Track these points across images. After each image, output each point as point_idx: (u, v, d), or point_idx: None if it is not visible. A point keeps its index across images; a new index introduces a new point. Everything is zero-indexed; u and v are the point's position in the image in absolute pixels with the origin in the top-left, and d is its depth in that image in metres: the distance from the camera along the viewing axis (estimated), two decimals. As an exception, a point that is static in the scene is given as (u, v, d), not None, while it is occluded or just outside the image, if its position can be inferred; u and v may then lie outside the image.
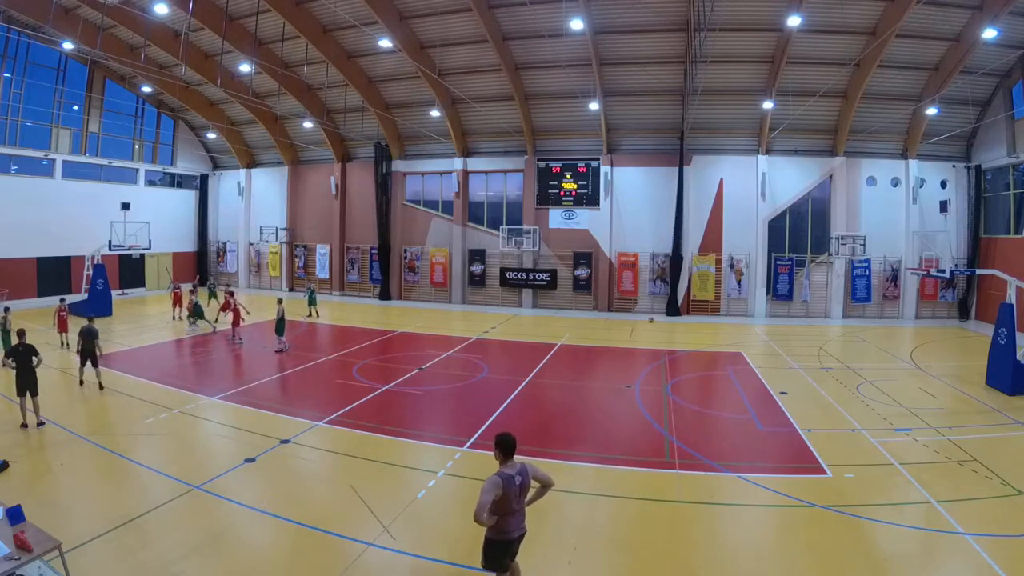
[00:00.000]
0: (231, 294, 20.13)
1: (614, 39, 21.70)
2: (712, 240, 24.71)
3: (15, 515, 5.33)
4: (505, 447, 5.00)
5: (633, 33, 21.37)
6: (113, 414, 10.75)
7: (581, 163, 25.94)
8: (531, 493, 5.18)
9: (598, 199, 25.63)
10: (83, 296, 22.59)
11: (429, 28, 22.48)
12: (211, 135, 32.22)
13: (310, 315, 22.72)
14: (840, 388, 13.25)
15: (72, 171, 26.91)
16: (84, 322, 12.58)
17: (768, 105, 21.81)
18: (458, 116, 26.54)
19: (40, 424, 9.75)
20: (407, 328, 20.86)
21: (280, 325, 16.46)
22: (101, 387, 12.12)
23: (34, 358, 9.99)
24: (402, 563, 6.12)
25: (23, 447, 9.00)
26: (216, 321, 20.36)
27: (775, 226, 24.41)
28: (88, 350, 12.19)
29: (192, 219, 33.51)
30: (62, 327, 16.83)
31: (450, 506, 7.56)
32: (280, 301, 17.11)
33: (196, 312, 19.37)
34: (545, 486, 5.19)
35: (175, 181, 32.75)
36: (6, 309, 15.10)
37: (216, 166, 34.51)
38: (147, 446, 9.25)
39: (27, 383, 9.76)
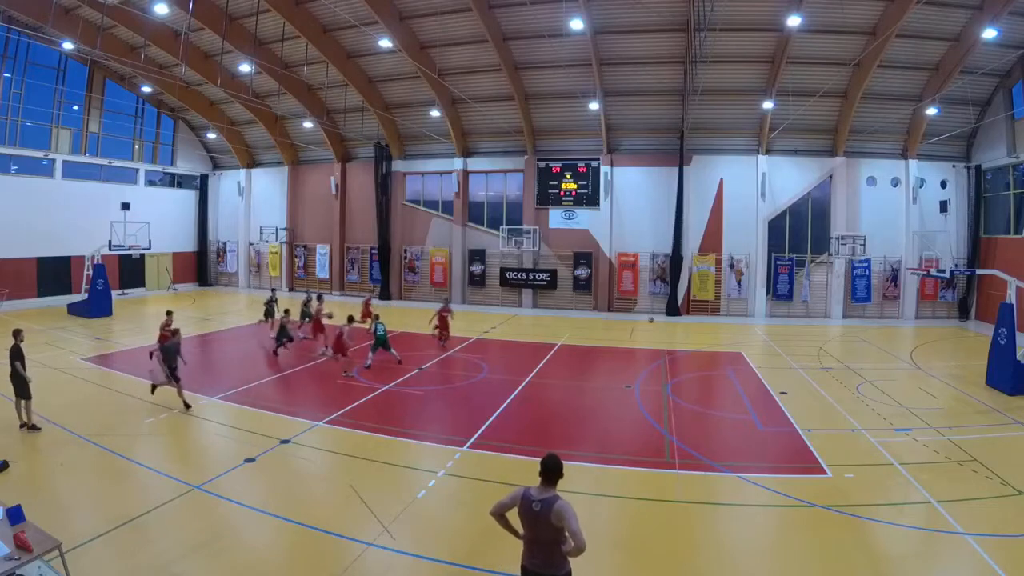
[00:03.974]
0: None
1: (614, 39, 21.70)
2: (712, 240, 24.70)
3: (15, 515, 5.33)
4: (542, 468, 4.49)
5: (633, 33, 21.37)
6: (113, 414, 10.74)
7: (581, 163, 25.94)
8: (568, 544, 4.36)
9: (598, 199, 25.62)
10: (83, 296, 22.58)
11: (429, 28, 22.47)
12: (211, 135, 32.22)
13: (301, 326, 19.56)
14: (840, 388, 13.24)
15: (72, 171, 26.90)
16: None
17: (768, 105, 21.80)
18: (458, 116, 26.54)
19: (22, 426, 9.54)
20: (407, 328, 20.84)
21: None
22: (188, 406, 10.95)
23: (18, 363, 9.60)
24: (402, 563, 6.12)
25: (23, 447, 8.99)
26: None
27: (775, 226, 24.40)
28: (170, 367, 11.13)
29: (192, 219, 33.49)
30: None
31: (450, 506, 7.56)
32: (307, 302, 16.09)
33: (281, 334, 15.76)
34: (575, 546, 4.28)
35: (175, 181, 32.75)
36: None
37: (216, 166, 34.50)
38: (147, 446, 9.25)
39: (17, 387, 9.50)
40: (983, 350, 14.54)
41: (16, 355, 9.69)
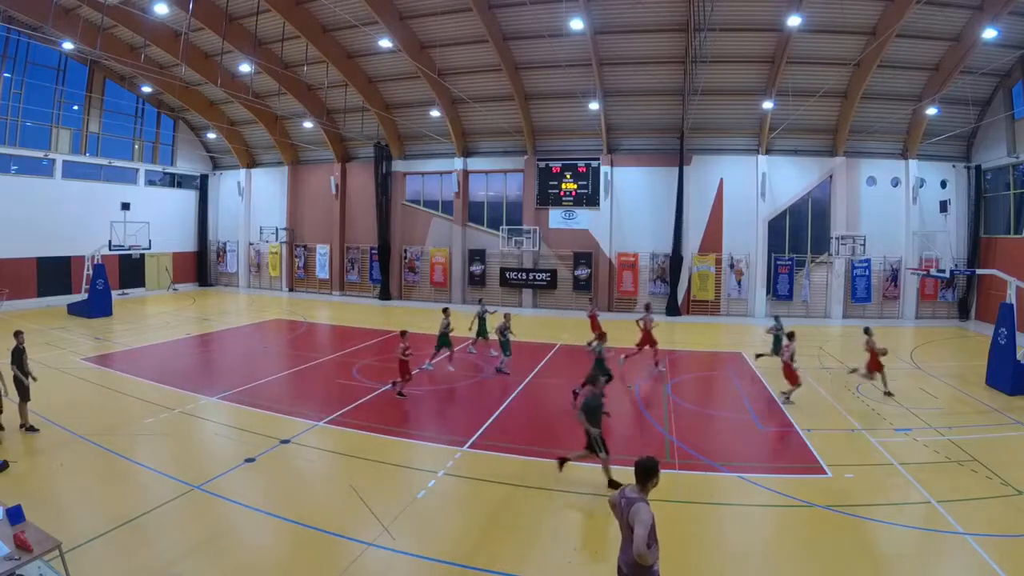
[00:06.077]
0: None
1: (614, 39, 21.70)
2: (712, 240, 24.70)
3: (15, 515, 5.33)
4: (635, 469, 4.54)
5: (633, 33, 21.37)
6: (113, 414, 10.74)
7: (581, 163, 25.93)
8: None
9: (598, 199, 25.62)
10: (83, 296, 22.58)
11: (429, 28, 22.47)
12: (211, 135, 32.22)
13: (475, 342, 17.18)
14: (840, 388, 13.24)
15: (72, 171, 26.89)
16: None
17: (768, 105, 21.80)
18: (458, 116, 26.54)
19: (22, 427, 9.58)
20: (407, 328, 20.81)
21: (505, 343, 14.62)
22: (616, 485, 7.26)
23: (16, 369, 9.65)
24: (402, 563, 6.13)
25: (23, 447, 9.00)
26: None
27: (775, 226, 24.40)
28: (598, 429, 7.88)
29: (192, 219, 33.48)
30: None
31: (450, 506, 7.56)
32: (507, 316, 15.34)
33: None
34: (633, 547, 4.17)
35: (175, 181, 32.74)
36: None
37: (216, 166, 34.50)
38: (147, 446, 9.25)
39: (19, 390, 9.53)
40: (983, 350, 14.54)
41: (17, 357, 9.70)
